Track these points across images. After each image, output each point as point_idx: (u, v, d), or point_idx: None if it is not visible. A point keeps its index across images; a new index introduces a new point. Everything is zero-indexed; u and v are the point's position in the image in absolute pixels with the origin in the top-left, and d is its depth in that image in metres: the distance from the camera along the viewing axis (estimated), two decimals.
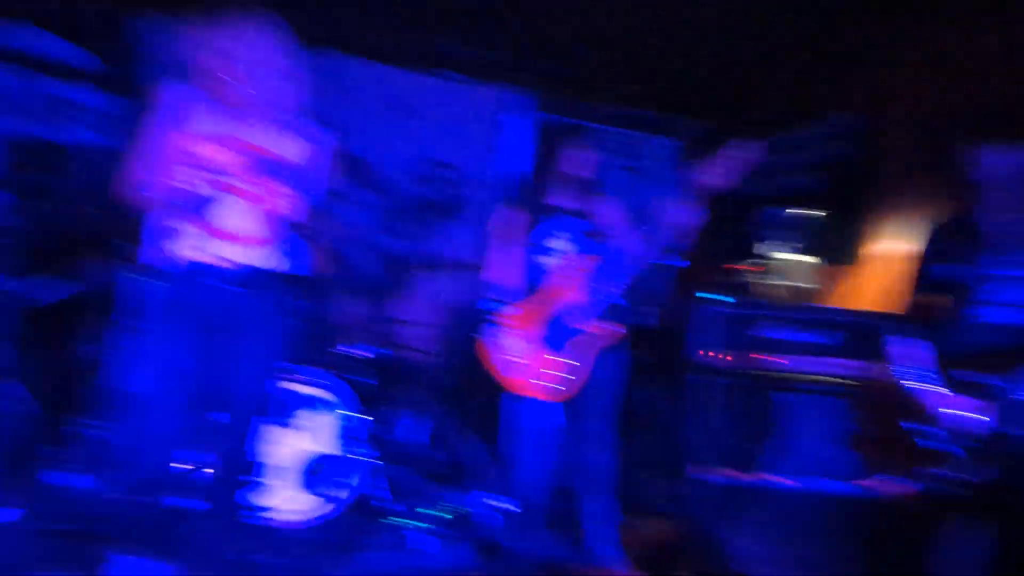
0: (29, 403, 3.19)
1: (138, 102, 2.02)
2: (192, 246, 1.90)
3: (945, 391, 2.07)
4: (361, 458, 3.17)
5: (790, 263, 4.05)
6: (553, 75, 4.85)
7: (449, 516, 3.28)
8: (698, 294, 3.20)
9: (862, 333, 3.03)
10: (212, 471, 2.06)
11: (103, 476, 2.84)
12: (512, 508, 3.00)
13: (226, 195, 1.93)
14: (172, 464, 1.94)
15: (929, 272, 2.28)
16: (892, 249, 3.74)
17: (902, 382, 2.17)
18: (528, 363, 2.73)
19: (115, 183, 1.91)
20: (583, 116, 4.90)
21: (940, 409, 2.05)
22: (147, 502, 1.87)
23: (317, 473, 3.09)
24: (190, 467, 2.48)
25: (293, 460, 3.05)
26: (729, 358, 3.06)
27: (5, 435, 3.08)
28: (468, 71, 4.92)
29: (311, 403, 3.15)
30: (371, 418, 3.51)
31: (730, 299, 3.19)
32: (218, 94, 1.96)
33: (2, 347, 3.15)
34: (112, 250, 2.86)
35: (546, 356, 2.72)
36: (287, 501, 2.99)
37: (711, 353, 3.08)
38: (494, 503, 3.31)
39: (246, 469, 2.10)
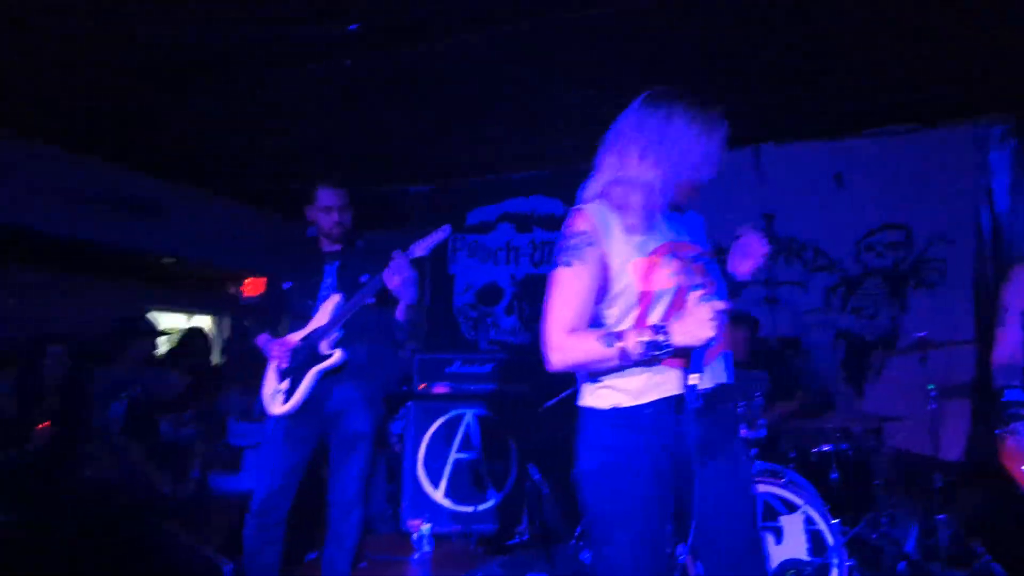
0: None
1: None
2: (662, 380, 1.62)
3: None
4: (837, 564, 2.82)
5: None
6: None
7: None
8: None
9: None
10: None
11: None
12: None
13: (682, 311, 1.59)
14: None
15: None
16: None
17: None
18: None
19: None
20: None
21: None
22: None
23: None
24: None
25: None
26: None
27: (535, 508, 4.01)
28: (919, 119, 4.36)
29: (780, 505, 2.94)
30: (846, 521, 3.13)
31: None
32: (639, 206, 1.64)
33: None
34: None
35: None
36: None
37: None
38: None
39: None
